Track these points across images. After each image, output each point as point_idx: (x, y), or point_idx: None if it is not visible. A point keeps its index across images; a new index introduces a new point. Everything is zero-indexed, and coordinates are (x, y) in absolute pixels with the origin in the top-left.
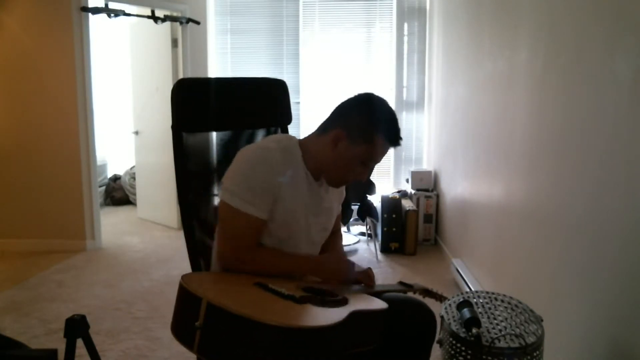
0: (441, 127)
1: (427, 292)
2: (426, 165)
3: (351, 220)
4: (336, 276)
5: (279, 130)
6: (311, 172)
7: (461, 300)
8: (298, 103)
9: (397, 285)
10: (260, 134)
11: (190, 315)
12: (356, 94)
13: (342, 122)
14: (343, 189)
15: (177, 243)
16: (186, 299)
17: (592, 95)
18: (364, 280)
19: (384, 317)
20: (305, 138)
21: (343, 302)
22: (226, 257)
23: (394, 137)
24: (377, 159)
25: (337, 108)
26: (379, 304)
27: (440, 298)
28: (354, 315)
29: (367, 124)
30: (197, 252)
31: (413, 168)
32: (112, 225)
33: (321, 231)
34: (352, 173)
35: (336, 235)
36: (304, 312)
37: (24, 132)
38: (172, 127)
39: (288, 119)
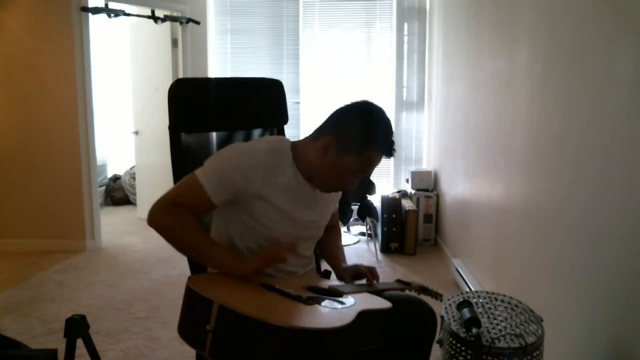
0: (441, 127)
1: (422, 290)
2: (426, 165)
3: (351, 220)
4: (228, 270)
5: (276, 130)
6: (303, 174)
7: (461, 300)
8: (298, 103)
9: (395, 283)
10: (256, 134)
11: (200, 318)
12: (353, 101)
13: (335, 130)
14: None
15: None
16: (195, 302)
17: (592, 95)
18: (368, 275)
19: (386, 316)
20: (299, 140)
21: (349, 302)
22: (158, 204)
23: (387, 149)
24: (367, 171)
25: (332, 114)
26: (383, 303)
27: (435, 295)
28: (362, 315)
29: (361, 135)
30: None
31: (413, 168)
32: (112, 225)
33: (315, 228)
34: (341, 182)
35: (333, 231)
36: (313, 313)
37: (24, 132)
38: (170, 127)
39: (284, 119)
